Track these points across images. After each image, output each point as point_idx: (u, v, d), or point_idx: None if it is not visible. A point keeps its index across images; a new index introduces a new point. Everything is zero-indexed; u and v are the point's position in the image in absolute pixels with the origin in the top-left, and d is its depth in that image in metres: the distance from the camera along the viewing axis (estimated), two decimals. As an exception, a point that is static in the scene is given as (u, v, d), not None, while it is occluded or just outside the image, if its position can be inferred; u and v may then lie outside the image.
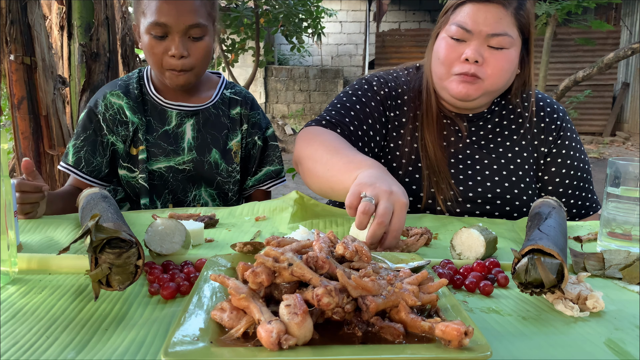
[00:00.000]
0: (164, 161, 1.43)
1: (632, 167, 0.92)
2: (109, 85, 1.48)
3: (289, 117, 10.36)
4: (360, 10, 11.65)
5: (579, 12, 5.60)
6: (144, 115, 1.44)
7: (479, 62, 1.20)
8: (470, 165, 1.30)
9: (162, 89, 1.46)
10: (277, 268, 0.58)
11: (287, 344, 0.50)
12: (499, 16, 1.19)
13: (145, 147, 1.42)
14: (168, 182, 1.44)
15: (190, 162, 1.44)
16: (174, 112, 1.45)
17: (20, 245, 0.93)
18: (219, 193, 1.50)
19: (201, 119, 1.47)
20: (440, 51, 1.25)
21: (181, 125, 1.45)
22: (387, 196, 0.85)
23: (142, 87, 1.46)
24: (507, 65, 1.22)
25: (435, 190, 1.26)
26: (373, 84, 1.36)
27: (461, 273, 0.81)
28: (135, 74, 1.49)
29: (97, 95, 1.47)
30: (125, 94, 1.44)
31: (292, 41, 7.08)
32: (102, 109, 1.43)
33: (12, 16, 2.35)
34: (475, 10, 1.20)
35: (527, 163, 1.32)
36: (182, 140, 1.45)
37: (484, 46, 1.20)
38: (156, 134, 1.43)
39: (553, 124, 1.35)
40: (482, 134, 1.33)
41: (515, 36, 1.22)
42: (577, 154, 1.35)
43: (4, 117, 4.15)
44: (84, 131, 1.42)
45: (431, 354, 0.51)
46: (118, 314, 0.67)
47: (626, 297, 0.76)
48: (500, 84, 1.24)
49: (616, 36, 9.35)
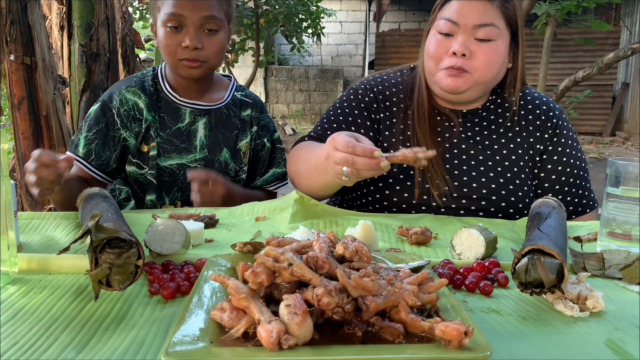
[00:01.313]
0: (175, 158, 1.44)
1: (632, 167, 0.92)
2: (124, 81, 1.48)
3: (289, 117, 10.36)
4: (360, 10, 11.65)
5: (579, 12, 5.60)
6: (158, 113, 1.44)
7: (467, 55, 1.22)
8: (465, 161, 1.31)
9: (177, 86, 1.47)
10: (277, 268, 0.58)
11: (287, 344, 0.50)
12: (484, 8, 1.22)
13: (157, 144, 1.42)
14: (178, 179, 1.45)
15: (201, 160, 1.46)
16: (187, 110, 1.46)
17: (20, 245, 0.93)
18: None
19: (213, 118, 1.48)
20: (429, 47, 1.28)
21: (194, 123, 1.46)
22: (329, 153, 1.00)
23: (157, 84, 1.47)
24: (495, 57, 1.24)
25: (430, 186, 1.27)
26: (359, 92, 1.41)
27: (461, 273, 0.81)
28: (150, 72, 1.50)
29: (112, 89, 1.46)
30: (141, 90, 1.44)
31: (292, 41, 7.08)
32: (116, 104, 1.42)
33: (12, 16, 2.35)
34: (461, 4, 1.23)
35: (522, 160, 1.33)
36: (195, 138, 1.46)
37: (471, 39, 1.23)
38: (169, 131, 1.44)
39: (549, 121, 1.35)
40: (477, 130, 1.34)
41: (503, 28, 1.24)
42: (573, 152, 1.35)
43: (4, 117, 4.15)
44: (97, 124, 1.41)
45: (431, 354, 0.51)
46: (118, 314, 0.67)
47: (626, 297, 0.76)
48: (488, 75, 1.25)
49: (616, 36, 9.34)
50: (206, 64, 1.38)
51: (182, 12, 1.31)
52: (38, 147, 2.54)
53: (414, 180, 1.28)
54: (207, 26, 1.34)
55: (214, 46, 1.36)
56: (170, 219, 0.87)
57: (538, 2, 5.44)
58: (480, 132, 1.34)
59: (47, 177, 1.03)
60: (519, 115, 1.36)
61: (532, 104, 1.37)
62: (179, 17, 1.31)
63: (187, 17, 1.31)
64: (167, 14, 1.31)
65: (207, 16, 1.32)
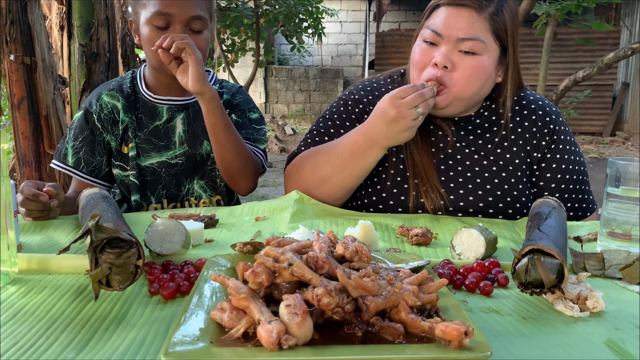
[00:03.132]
0: (155, 157, 1.44)
1: (632, 167, 0.92)
2: (102, 86, 1.50)
3: (289, 117, 10.36)
4: (360, 10, 11.65)
5: (579, 12, 5.61)
6: (135, 114, 1.45)
7: (448, 67, 1.18)
8: (461, 172, 1.27)
9: (157, 85, 1.47)
10: (277, 268, 0.58)
11: (287, 344, 0.50)
12: (470, 20, 1.17)
13: (135, 144, 1.43)
14: (161, 177, 1.46)
15: (182, 155, 1.46)
16: (164, 107, 1.46)
17: (20, 245, 0.93)
18: (208, 182, 1.51)
19: (191, 112, 1.48)
20: (414, 55, 1.25)
21: (172, 119, 1.46)
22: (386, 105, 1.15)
23: (135, 86, 1.48)
24: (477, 73, 1.19)
25: (425, 200, 1.24)
26: (348, 103, 1.39)
27: (461, 273, 0.81)
28: (128, 75, 1.51)
29: (91, 96, 1.48)
30: (119, 93, 1.45)
31: (292, 41, 7.08)
32: (97, 109, 1.44)
33: (12, 16, 2.35)
34: (448, 14, 1.19)
35: (520, 169, 1.28)
36: (173, 134, 1.46)
37: (454, 51, 1.18)
38: (147, 130, 1.45)
39: (546, 127, 1.31)
40: (471, 139, 1.30)
41: (489, 42, 1.18)
42: (572, 157, 1.32)
43: (4, 117, 4.15)
44: (82, 132, 1.43)
45: (431, 354, 0.51)
46: (118, 314, 0.67)
47: (626, 297, 0.76)
48: (468, 91, 1.20)
49: (616, 36, 9.35)
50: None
51: (170, 10, 1.30)
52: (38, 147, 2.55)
53: (409, 194, 1.25)
54: (193, 26, 1.33)
55: (201, 44, 1.35)
56: (170, 219, 0.87)
57: (538, 2, 5.44)
58: (474, 141, 1.30)
59: (34, 208, 1.11)
60: (514, 122, 1.31)
61: (527, 109, 1.32)
62: (167, 15, 1.30)
63: (174, 16, 1.30)
64: (154, 12, 1.30)
65: (193, 16, 1.32)
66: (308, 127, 9.79)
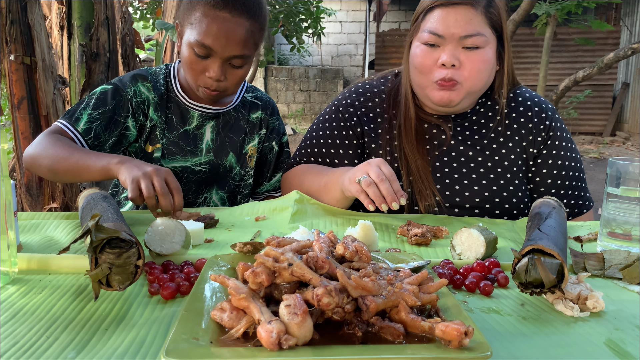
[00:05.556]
0: (180, 161, 1.43)
1: (632, 167, 0.92)
2: (138, 73, 1.44)
3: (289, 117, 10.36)
4: (360, 10, 11.65)
5: (579, 12, 5.61)
6: (166, 114, 1.43)
7: (456, 65, 1.19)
8: (456, 169, 1.28)
9: (188, 89, 1.45)
10: (277, 268, 0.58)
11: (287, 344, 0.50)
12: (469, 17, 1.19)
13: (162, 145, 1.41)
14: (181, 182, 1.43)
15: (206, 163, 1.45)
16: (196, 112, 1.44)
17: (20, 245, 0.93)
18: (229, 196, 1.50)
19: (221, 122, 1.47)
20: (416, 59, 1.25)
21: (202, 126, 1.45)
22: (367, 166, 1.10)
23: (169, 84, 1.45)
24: (484, 65, 1.21)
25: (418, 199, 1.25)
26: (339, 108, 1.40)
27: (461, 273, 0.81)
28: (162, 70, 1.47)
29: (124, 77, 1.42)
30: (154, 88, 1.42)
31: (292, 41, 7.07)
32: (130, 92, 1.39)
33: (12, 16, 2.35)
34: (445, 14, 1.20)
35: (516, 165, 1.29)
36: (201, 141, 1.45)
37: (459, 49, 1.20)
38: (176, 133, 1.43)
39: (541, 123, 1.32)
40: (467, 134, 1.31)
41: (489, 34, 1.21)
42: (568, 153, 1.32)
43: (4, 117, 4.15)
44: (104, 105, 1.36)
45: (431, 354, 0.51)
46: (118, 314, 0.67)
47: (626, 297, 0.76)
48: (479, 84, 1.23)
49: (616, 36, 9.34)
50: (224, 92, 1.36)
51: (213, 46, 1.27)
52: (38, 147, 2.54)
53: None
54: (234, 62, 1.31)
55: (237, 78, 1.34)
56: (170, 219, 0.87)
57: (538, 2, 5.44)
58: (471, 137, 1.31)
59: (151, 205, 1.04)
60: (510, 118, 1.32)
61: (523, 106, 1.34)
62: (208, 49, 1.28)
63: (216, 51, 1.28)
64: (197, 41, 1.27)
65: (236, 56, 1.29)
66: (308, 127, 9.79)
